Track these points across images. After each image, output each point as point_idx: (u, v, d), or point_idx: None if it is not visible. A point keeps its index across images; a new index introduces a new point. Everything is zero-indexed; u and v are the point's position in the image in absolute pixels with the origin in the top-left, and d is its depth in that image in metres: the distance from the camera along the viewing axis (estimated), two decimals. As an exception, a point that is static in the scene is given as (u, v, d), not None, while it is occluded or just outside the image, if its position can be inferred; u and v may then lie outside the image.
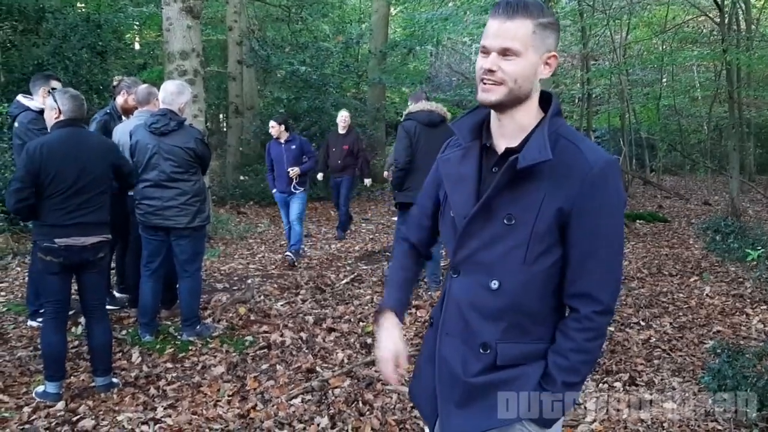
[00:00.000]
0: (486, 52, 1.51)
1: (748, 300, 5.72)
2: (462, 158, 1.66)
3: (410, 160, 5.73)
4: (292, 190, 7.16)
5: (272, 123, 7.27)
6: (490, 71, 1.49)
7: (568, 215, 1.48)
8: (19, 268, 6.52)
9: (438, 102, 6.34)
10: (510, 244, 1.52)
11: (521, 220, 1.50)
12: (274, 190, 7.39)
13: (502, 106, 1.54)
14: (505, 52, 1.48)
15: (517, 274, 1.52)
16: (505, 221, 1.52)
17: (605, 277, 1.51)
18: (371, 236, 9.25)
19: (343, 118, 8.85)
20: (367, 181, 9.44)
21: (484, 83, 1.51)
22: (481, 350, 1.57)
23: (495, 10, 1.50)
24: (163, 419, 3.39)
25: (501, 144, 1.58)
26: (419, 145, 5.73)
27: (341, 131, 8.83)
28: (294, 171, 7.07)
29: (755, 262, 6.67)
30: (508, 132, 1.57)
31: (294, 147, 7.16)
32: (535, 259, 1.51)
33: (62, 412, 3.44)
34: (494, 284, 1.54)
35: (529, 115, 1.56)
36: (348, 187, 8.91)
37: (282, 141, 7.18)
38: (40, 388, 3.60)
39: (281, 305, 5.48)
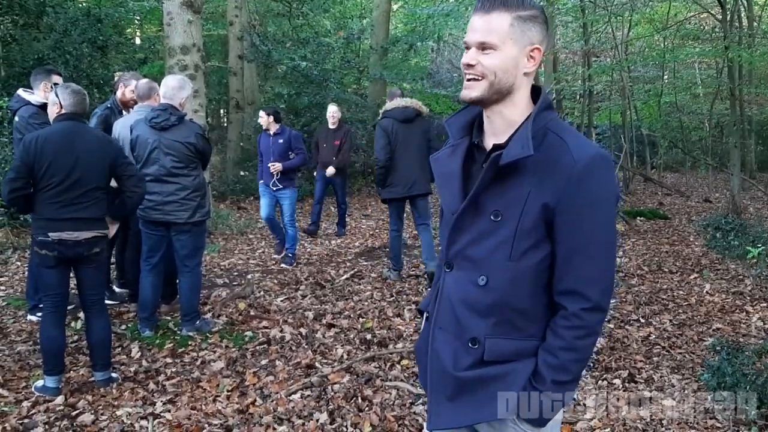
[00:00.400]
0: (467, 47, 1.53)
1: (748, 297, 5.72)
2: (450, 155, 1.67)
3: (390, 157, 5.85)
4: (271, 186, 6.82)
5: (261, 113, 6.98)
6: (469, 65, 1.51)
7: (554, 211, 1.47)
8: (19, 263, 6.52)
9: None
10: (497, 240, 1.52)
11: (507, 216, 1.50)
12: (261, 181, 7.03)
13: (485, 102, 1.55)
14: (482, 46, 1.50)
15: (503, 271, 1.52)
16: (492, 217, 1.52)
17: (593, 274, 1.49)
18: (371, 232, 9.24)
19: (331, 113, 8.50)
20: (330, 170, 8.38)
21: (467, 80, 1.53)
22: (470, 344, 1.57)
23: (476, 5, 1.53)
24: (162, 414, 3.39)
25: (491, 141, 1.59)
26: (397, 142, 5.85)
27: (331, 126, 8.50)
28: (275, 167, 6.71)
29: (755, 260, 6.67)
30: (498, 128, 1.58)
31: (281, 141, 6.81)
32: (521, 256, 1.51)
33: (61, 407, 3.44)
34: (482, 280, 1.54)
35: (516, 110, 1.55)
36: (342, 184, 8.76)
37: (271, 133, 6.88)
38: (40, 383, 3.61)
39: (281, 301, 5.48)
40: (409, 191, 5.94)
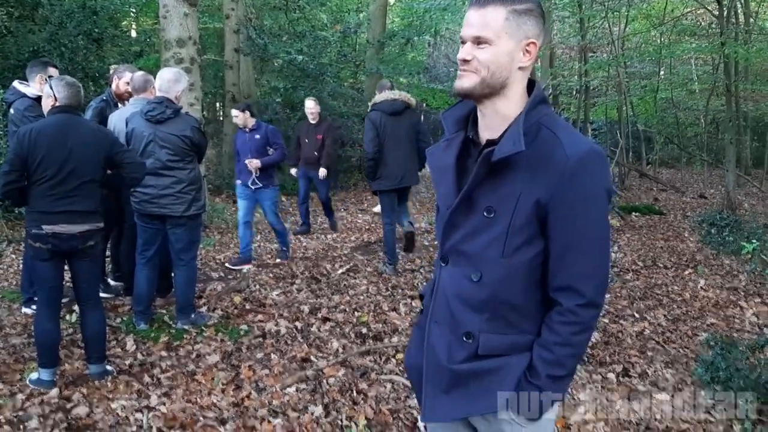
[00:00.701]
0: (463, 42, 1.52)
1: (742, 293, 5.75)
2: (445, 150, 1.66)
3: (378, 149, 5.92)
4: (250, 185, 6.45)
5: (234, 112, 6.61)
6: (465, 60, 1.50)
7: (546, 207, 1.47)
8: (13, 255, 6.50)
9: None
10: (490, 237, 1.52)
11: (500, 212, 1.50)
12: (238, 182, 6.63)
13: (477, 96, 1.53)
14: (477, 41, 1.49)
15: (496, 267, 1.52)
16: (485, 214, 1.52)
17: (587, 270, 1.49)
18: (367, 227, 9.24)
19: (309, 109, 8.19)
20: (322, 172, 8.10)
21: (461, 72, 1.52)
22: (464, 338, 1.58)
23: None
24: (157, 407, 3.39)
25: (486, 135, 1.58)
26: (386, 135, 5.91)
27: (312, 121, 8.18)
28: (252, 163, 6.34)
29: (750, 256, 6.67)
30: (492, 123, 1.57)
31: (258, 137, 6.46)
32: (513, 252, 1.51)
33: (56, 400, 3.44)
34: (476, 275, 1.55)
35: (510, 105, 1.54)
36: (325, 180, 8.44)
37: (247, 129, 6.53)
38: (34, 376, 3.60)
39: (276, 294, 5.48)
40: (400, 183, 6.05)
